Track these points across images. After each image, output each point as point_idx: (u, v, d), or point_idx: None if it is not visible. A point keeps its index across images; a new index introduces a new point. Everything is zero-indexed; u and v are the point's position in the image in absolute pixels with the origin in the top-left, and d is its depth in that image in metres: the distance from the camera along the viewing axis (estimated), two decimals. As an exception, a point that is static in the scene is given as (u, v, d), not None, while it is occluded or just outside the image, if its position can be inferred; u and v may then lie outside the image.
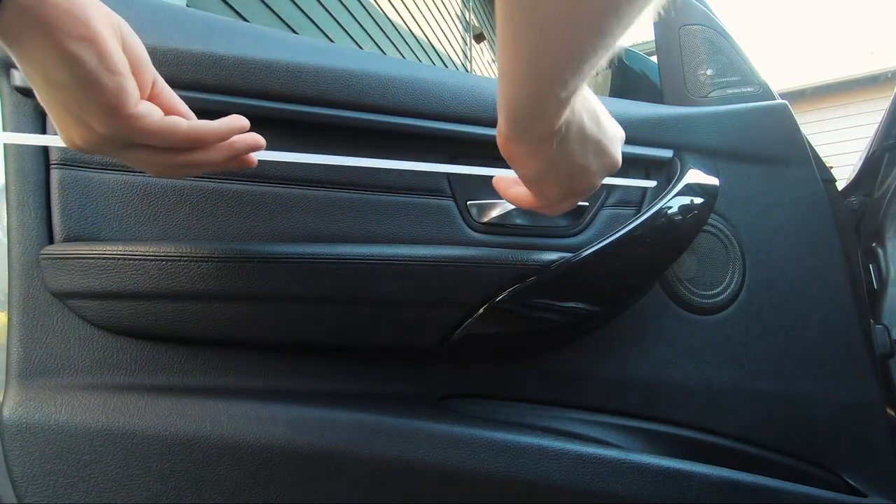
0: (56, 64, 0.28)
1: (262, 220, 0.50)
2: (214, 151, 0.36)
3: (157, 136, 0.33)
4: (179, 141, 0.34)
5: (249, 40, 0.50)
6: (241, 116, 0.38)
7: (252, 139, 0.38)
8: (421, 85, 0.53)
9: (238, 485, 0.45)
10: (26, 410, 0.43)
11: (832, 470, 0.61)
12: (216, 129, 0.35)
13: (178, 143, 0.34)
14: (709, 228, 0.61)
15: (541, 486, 0.49)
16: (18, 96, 0.45)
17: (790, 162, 0.65)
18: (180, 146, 0.34)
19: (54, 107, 0.31)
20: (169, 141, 0.33)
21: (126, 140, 0.32)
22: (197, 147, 0.35)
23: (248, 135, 0.38)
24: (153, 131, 0.32)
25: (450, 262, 0.50)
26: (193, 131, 0.34)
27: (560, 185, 0.39)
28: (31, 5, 0.27)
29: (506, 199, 0.46)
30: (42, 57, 0.28)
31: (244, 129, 0.38)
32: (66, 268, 0.44)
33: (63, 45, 0.28)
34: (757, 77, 0.71)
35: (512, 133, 0.35)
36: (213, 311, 0.47)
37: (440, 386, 0.54)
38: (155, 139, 0.33)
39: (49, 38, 0.27)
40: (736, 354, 0.60)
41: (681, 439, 0.58)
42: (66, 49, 0.28)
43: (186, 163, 0.35)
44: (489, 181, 0.57)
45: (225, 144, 0.37)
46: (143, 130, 0.32)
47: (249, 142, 0.38)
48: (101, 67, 0.29)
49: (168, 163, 0.35)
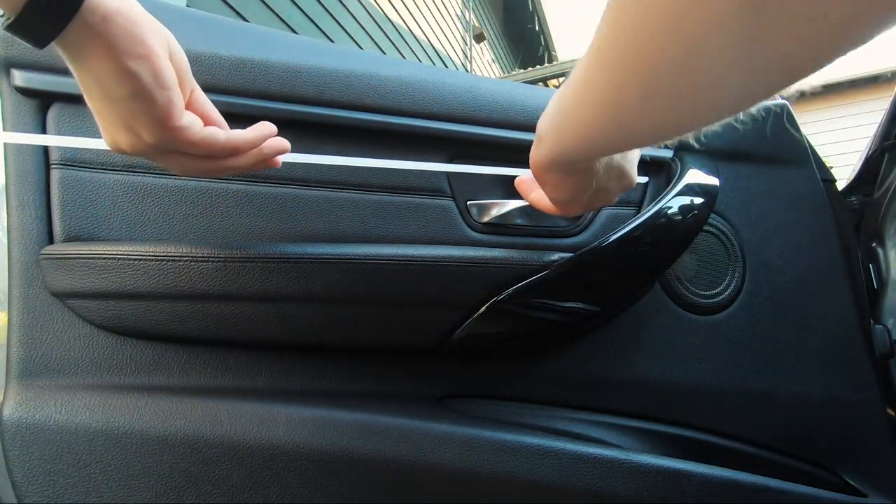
0: (115, 78, 0.30)
1: (262, 220, 0.50)
2: (246, 157, 0.39)
3: (199, 146, 0.35)
4: (218, 150, 0.37)
5: (249, 40, 0.50)
6: (269, 123, 0.40)
7: (278, 144, 0.40)
8: (421, 85, 0.53)
9: (238, 485, 0.45)
10: (26, 410, 0.43)
11: (832, 470, 0.61)
12: (250, 138, 0.38)
13: (216, 152, 0.37)
14: (709, 228, 0.61)
15: (541, 486, 0.49)
16: (18, 96, 0.45)
17: (790, 162, 0.65)
18: (218, 154, 0.37)
19: (107, 116, 0.33)
20: (208, 150, 0.36)
21: (169, 148, 0.35)
22: (232, 154, 0.38)
23: (275, 139, 0.40)
24: (195, 141, 0.35)
25: (450, 262, 0.50)
26: (230, 141, 0.37)
27: (581, 203, 0.42)
28: (97, 24, 0.29)
29: (527, 200, 0.47)
30: (102, 71, 0.30)
31: (273, 135, 0.40)
32: (66, 268, 0.44)
33: (123, 62, 0.30)
34: (757, 77, 0.71)
35: (553, 165, 0.37)
36: (213, 311, 0.47)
37: (440, 386, 0.54)
38: (196, 148, 0.35)
39: (110, 55, 0.30)
40: (736, 354, 0.60)
41: (681, 439, 0.58)
42: (125, 66, 0.30)
43: (221, 168, 0.38)
44: (490, 181, 0.57)
45: (255, 150, 0.39)
46: (186, 140, 0.34)
47: (276, 146, 0.40)
48: (154, 83, 0.31)
49: (205, 168, 0.38)
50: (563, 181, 0.39)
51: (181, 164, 0.37)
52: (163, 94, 0.32)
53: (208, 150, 0.36)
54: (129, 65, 0.30)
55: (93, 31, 0.29)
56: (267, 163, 0.41)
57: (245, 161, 0.39)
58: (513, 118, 0.56)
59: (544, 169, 0.38)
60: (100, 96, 0.32)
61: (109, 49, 0.29)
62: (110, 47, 0.29)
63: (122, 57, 0.30)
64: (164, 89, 0.32)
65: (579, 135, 0.31)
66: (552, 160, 0.36)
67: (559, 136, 0.34)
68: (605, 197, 0.42)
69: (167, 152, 0.35)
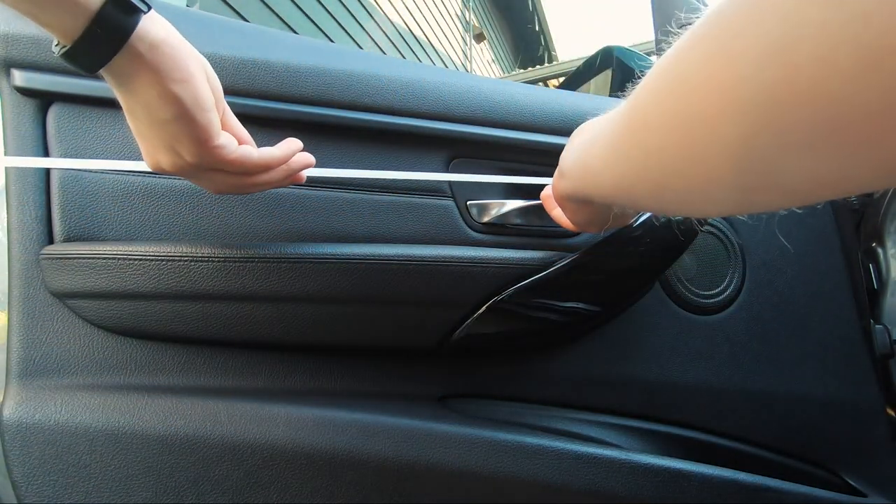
0: (160, 102, 0.32)
1: (262, 220, 0.50)
2: (276, 173, 0.41)
3: (234, 164, 0.38)
4: (252, 168, 0.39)
5: (249, 40, 0.50)
6: (296, 140, 0.42)
7: (304, 159, 0.43)
8: (421, 85, 0.53)
9: (238, 485, 0.45)
10: (26, 410, 0.43)
11: (832, 470, 0.61)
12: (279, 155, 0.41)
13: (250, 169, 0.39)
14: (709, 228, 0.61)
15: (541, 486, 0.49)
16: (18, 96, 0.45)
17: (790, 162, 0.65)
18: (251, 171, 0.39)
19: (150, 138, 0.35)
20: (242, 168, 0.38)
21: (207, 167, 0.37)
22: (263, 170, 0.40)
23: (302, 155, 0.43)
24: (231, 160, 0.37)
25: (450, 262, 0.50)
26: (263, 159, 0.39)
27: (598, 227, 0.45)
28: (145, 52, 0.31)
29: (551, 215, 0.50)
30: (148, 95, 0.32)
31: (300, 151, 0.43)
32: (66, 268, 0.44)
33: (167, 87, 0.32)
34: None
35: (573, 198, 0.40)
36: (213, 311, 0.47)
37: (440, 386, 0.54)
38: (232, 167, 0.38)
39: (157, 80, 0.32)
40: (736, 354, 0.60)
41: (681, 439, 0.58)
42: (170, 90, 0.32)
43: (253, 183, 0.40)
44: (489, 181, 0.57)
45: (284, 167, 0.41)
46: (223, 159, 0.36)
47: (302, 162, 0.43)
48: (195, 105, 0.33)
49: (238, 184, 0.40)
50: (582, 209, 0.42)
51: (217, 182, 0.39)
52: (203, 115, 0.34)
53: (242, 168, 0.38)
54: (173, 89, 0.32)
55: (141, 58, 0.31)
56: (293, 178, 0.43)
57: (275, 176, 0.41)
58: (513, 118, 0.56)
59: (565, 199, 0.42)
60: (145, 119, 0.34)
61: (156, 74, 0.32)
62: (156, 73, 0.32)
63: (167, 81, 0.32)
64: (205, 111, 0.34)
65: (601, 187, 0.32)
66: (573, 195, 0.39)
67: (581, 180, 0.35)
68: (622, 221, 0.46)
69: (205, 171, 0.37)
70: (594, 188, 0.34)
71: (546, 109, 0.58)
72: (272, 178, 0.41)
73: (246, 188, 0.41)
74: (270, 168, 0.40)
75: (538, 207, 0.57)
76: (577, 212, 0.43)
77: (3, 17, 0.44)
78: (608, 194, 0.32)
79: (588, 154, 0.33)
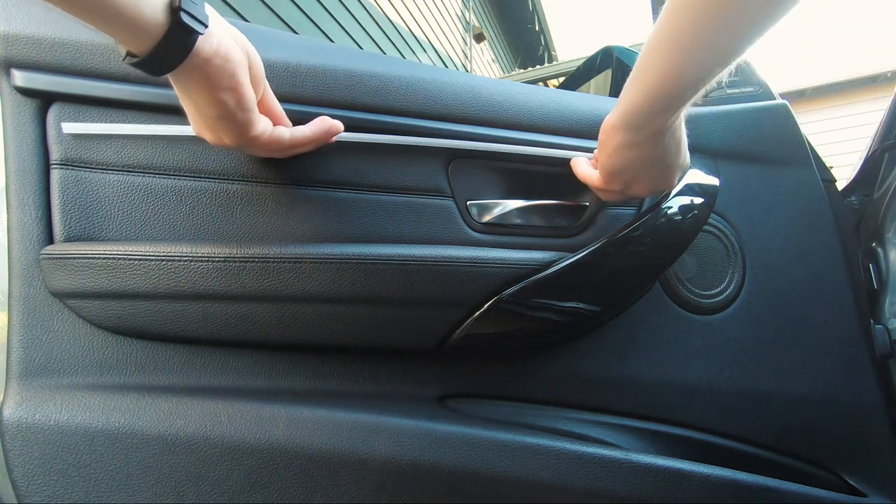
0: (207, 104, 0.38)
1: (262, 220, 0.50)
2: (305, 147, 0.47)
3: (267, 147, 0.44)
4: (283, 149, 0.45)
5: (250, 40, 0.50)
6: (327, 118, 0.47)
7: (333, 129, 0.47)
8: (421, 85, 0.53)
9: (238, 485, 0.45)
10: (26, 410, 0.43)
11: (832, 470, 0.61)
12: (309, 135, 0.46)
13: (281, 150, 0.45)
14: (709, 228, 0.61)
15: (541, 486, 0.49)
16: (18, 96, 0.45)
17: (790, 162, 0.65)
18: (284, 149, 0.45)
19: (197, 120, 0.40)
20: (275, 150, 0.45)
21: (243, 147, 0.43)
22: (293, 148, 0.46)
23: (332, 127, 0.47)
24: (266, 144, 0.43)
25: (450, 262, 0.50)
26: (294, 141, 0.45)
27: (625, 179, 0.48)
28: (200, 65, 0.35)
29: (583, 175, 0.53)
30: (199, 98, 0.38)
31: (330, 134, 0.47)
32: (66, 268, 0.44)
33: (215, 94, 0.37)
34: (757, 77, 0.71)
35: (624, 125, 0.44)
36: (213, 311, 0.47)
37: (440, 386, 0.54)
38: (265, 149, 0.44)
39: (207, 87, 0.37)
40: (736, 354, 0.60)
41: (681, 439, 0.58)
42: (217, 97, 0.37)
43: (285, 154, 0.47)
44: (489, 181, 0.57)
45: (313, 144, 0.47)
46: (258, 145, 0.43)
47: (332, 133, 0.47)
48: (237, 108, 0.39)
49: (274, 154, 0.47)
50: (623, 148, 0.45)
51: (256, 152, 0.46)
52: (243, 115, 0.39)
53: (275, 151, 0.45)
54: (220, 96, 0.37)
55: (196, 70, 0.35)
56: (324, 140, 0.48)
57: (305, 150, 0.47)
58: (512, 118, 0.56)
59: (616, 130, 0.45)
60: (195, 113, 0.40)
61: (207, 83, 0.36)
62: (207, 82, 0.36)
63: (215, 90, 0.37)
64: (245, 112, 0.39)
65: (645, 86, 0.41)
66: (623, 119, 0.43)
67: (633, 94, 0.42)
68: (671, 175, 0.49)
69: (245, 148, 0.44)
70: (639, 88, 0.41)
71: (546, 109, 0.58)
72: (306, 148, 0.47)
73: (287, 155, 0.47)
74: (300, 146, 0.46)
75: (538, 207, 0.57)
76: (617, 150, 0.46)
77: (4, 17, 0.44)
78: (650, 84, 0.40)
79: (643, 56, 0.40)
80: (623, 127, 0.44)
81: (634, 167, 0.47)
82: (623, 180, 0.48)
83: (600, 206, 0.59)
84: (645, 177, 0.48)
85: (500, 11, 6.86)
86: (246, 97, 0.39)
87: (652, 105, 0.41)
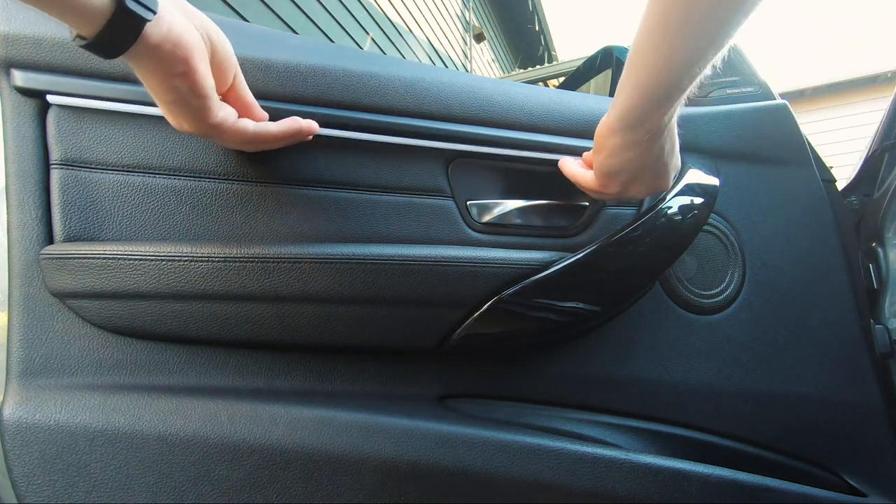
0: (160, 88, 0.38)
1: (262, 220, 0.50)
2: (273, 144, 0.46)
3: (230, 137, 0.43)
4: (247, 141, 0.44)
5: (250, 40, 0.50)
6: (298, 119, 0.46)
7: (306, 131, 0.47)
8: (421, 85, 0.53)
9: (238, 485, 0.45)
10: (26, 410, 0.43)
11: (832, 470, 0.61)
12: (274, 133, 0.45)
13: (245, 142, 0.44)
14: (709, 228, 0.61)
15: (541, 486, 0.49)
16: (18, 96, 0.45)
17: (790, 162, 0.65)
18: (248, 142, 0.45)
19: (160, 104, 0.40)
20: (237, 141, 0.44)
21: (206, 134, 0.42)
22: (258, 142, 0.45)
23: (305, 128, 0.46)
24: (228, 134, 0.42)
25: (450, 262, 0.50)
26: (257, 134, 0.44)
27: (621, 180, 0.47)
28: (149, 51, 0.35)
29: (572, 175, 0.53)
30: (152, 82, 0.37)
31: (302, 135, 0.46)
32: (66, 268, 0.44)
33: (167, 79, 0.37)
34: (757, 77, 0.71)
35: (622, 125, 0.43)
36: (213, 311, 0.47)
37: (440, 386, 0.54)
38: (227, 138, 0.43)
39: (158, 72, 0.37)
40: (736, 354, 0.60)
41: (681, 439, 0.58)
42: (169, 82, 0.37)
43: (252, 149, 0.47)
44: (489, 181, 0.57)
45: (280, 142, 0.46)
46: (219, 134, 0.42)
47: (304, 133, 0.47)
48: (191, 94, 0.38)
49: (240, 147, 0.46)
50: (621, 149, 0.45)
51: (225, 142, 0.44)
52: (198, 101, 0.39)
53: (238, 142, 0.44)
54: (171, 81, 0.37)
55: (145, 55, 0.35)
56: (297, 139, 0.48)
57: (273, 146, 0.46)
58: (512, 118, 0.56)
59: (612, 130, 0.44)
60: (152, 95, 0.39)
61: (158, 68, 0.36)
62: (158, 67, 0.36)
63: (167, 75, 0.37)
64: (200, 98, 0.39)
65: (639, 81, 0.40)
66: (618, 120, 0.43)
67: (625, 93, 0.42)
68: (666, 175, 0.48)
69: (209, 137, 0.43)
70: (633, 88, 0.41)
71: (546, 109, 0.58)
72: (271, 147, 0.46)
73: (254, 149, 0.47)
74: (264, 141, 0.45)
75: (538, 207, 0.57)
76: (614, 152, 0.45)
77: (4, 18, 0.44)
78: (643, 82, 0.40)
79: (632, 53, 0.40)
80: (620, 127, 0.43)
81: (633, 168, 0.46)
82: (621, 182, 0.47)
83: (600, 206, 0.59)
84: (643, 178, 0.47)
85: (500, 11, 6.87)
86: (199, 84, 0.38)
87: (648, 100, 0.41)
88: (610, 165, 0.47)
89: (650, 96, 0.40)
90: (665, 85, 0.39)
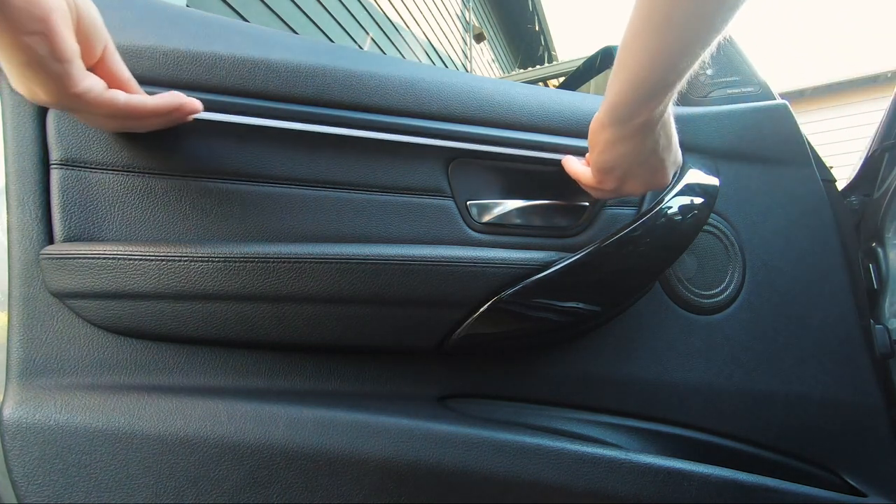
0: (11, 49, 0.34)
1: (262, 220, 0.50)
2: (148, 122, 0.43)
3: (97, 108, 0.39)
4: (117, 113, 0.40)
5: (249, 40, 0.50)
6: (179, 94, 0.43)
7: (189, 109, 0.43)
8: (421, 85, 0.53)
9: (238, 485, 0.45)
10: (26, 410, 0.43)
11: (832, 470, 0.61)
12: (150, 107, 0.41)
13: (115, 113, 0.40)
14: (709, 228, 0.61)
15: (541, 486, 0.49)
16: (19, 96, 0.45)
17: (790, 162, 0.65)
18: (118, 116, 0.41)
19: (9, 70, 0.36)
20: (107, 112, 0.40)
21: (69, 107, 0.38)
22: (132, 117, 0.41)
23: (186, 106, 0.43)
24: (94, 105, 0.38)
25: (450, 262, 0.50)
26: (128, 105, 0.40)
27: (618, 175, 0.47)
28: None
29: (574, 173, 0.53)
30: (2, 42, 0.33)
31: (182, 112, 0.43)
32: (66, 268, 0.44)
33: (18, 37, 0.33)
34: (757, 77, 0.71)
35: (611, 119, 0.44)
36: (213, 311, 0.47)
37: (440, 386, 0.54)
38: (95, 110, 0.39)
39: (8, 29, 0.33)
40: (736, 354, 0.60)
41: (681, 439, 0.58)
42: (21, 40, 0.33)
43: (123, 127, 0.43)
44: (489, 181, 0.57)
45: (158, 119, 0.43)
46: (85, 104, 0.38)
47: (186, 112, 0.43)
48: (49, 57, 0.34)
49: (107, 125, 0.43)
50: (619, 140, 0.45)
51: (86, 119, 0.41)
52: (58, 66, 0.35)
53: (108, 113, 0.40)
54: (24, 40, 0.33)
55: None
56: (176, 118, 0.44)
57: (148, 124, 0.43)
58: (512, 118, 0.56)
59: (603, 125, 0.45)
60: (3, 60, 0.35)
61: (7, 24, 0.32)
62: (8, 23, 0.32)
63: (18, 32, 0.33)
64: (61, 62, 0.35)
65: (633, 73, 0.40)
66: (608, 114, 0.43)
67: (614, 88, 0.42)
68: (663, 171, 0.48)
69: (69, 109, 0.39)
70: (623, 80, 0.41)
71: (546, 109, 0.58)
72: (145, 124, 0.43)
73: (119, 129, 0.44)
74: (140, 115, 0.41)
75: (538, 207, 0.57)
76: (608, 146, 0.45)
77: (3, 17, 0.44)
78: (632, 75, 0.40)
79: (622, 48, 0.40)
80: (610, 121, 0.44)
81: (626, 163, 0.46)
82: (616, 177, 0.48)
83: (600, 206, 0.59)
84: (638, 173, 0.47)
85: (500, 11, 6.86)
86: (61, 46, 0.35)
87: (637, 94, 0.41)
88: (604, 161, 0.47)
89: (638, 90, 0.41)
90: (652, 80, 0.40)
